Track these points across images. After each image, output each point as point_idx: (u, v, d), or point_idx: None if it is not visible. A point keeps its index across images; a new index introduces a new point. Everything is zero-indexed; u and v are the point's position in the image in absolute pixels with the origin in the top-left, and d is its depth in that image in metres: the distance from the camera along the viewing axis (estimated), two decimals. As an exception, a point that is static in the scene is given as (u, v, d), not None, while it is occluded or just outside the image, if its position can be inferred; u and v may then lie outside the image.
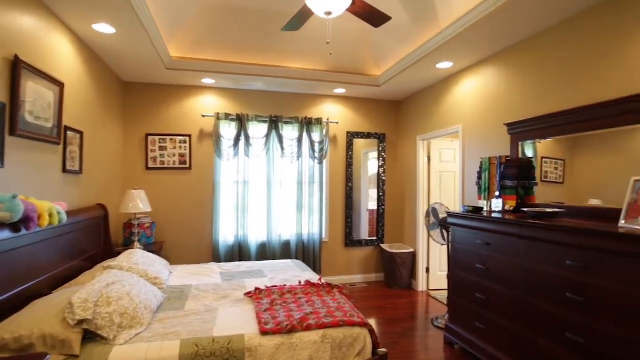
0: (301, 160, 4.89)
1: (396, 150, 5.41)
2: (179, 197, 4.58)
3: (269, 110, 4.89)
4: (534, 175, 2.98)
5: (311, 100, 5.06)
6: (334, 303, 2.34)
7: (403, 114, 5.26)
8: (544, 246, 2.22)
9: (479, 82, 3.66)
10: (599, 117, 2.41)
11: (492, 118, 3.47)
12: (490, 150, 3.49)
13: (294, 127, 4.86)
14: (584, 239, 1.96)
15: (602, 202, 2.39)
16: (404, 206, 5.25)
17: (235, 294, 2.63)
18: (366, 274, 5.24)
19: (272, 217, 4.78)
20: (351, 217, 5.17)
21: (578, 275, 2.00)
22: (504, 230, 2.53)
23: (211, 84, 4.54)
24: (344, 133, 5.17)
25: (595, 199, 2.44)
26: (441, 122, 4.33)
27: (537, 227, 2.25)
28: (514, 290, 2.44)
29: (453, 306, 3.12)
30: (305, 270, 3.39)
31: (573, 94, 2.65)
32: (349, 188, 5.16)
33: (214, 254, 4.60)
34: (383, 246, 5.13)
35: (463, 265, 2.99)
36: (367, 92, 4.94)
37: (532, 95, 3.01)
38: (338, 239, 5.15)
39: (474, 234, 2.86)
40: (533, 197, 2.99)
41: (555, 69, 2.80)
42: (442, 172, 4.80)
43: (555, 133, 2.74)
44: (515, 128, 3.11)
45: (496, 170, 3.11)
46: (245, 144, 4.66)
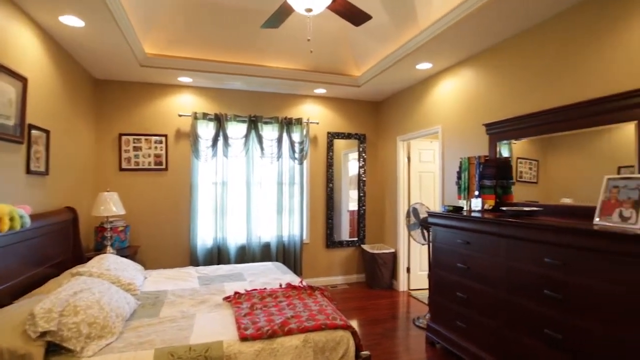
0: (281, 160, 4.82)
1: (376, 151, 5.42)
2: (154, 199, 4.42)
3: (248, 110, 4.79)
4: (511, 175, 3.03)
5: (291, 100, 5.00)
6: (316, 306, 2.29)
7: (383, 115, 5.28)
8: (524, 244, 2.24)
9: (458, 83, 3.71)
10: (572, 118, 2.47)
11: (471, 118, 3.51)
12: (469, 150, 3.53)
13: (273, 128, 4.79)
14: (561, 237, 1.99)
15: (574, 200, 2.48)
16: (384, 206, 5.26)
17: (213, 298, 2.54)
18: (347, 274, 5.22)
19: (251, 218, 4.68)
20: (332, 218, 5.14)
21: (556, 273, 2.03)
22: (484, 229, 2.55)
23: (188, 82, 4.41)
24: (324, 133, 5.14)
25: (566, 198, 2.54)
26: (421, 122, 4.36)
27: (516, 226, 2.27)
28: (495, 288, 2.46)
29: (434, 306, 3.13)
30: (286, 272, 3.32)
31: (549, 95, 2.70)
32: (330, 189, 5.12)
33: (192, 257, 4.46)
34: (364, 247, 5.12)
35: (444, 264, 3.00)
36: (348, 93, 4.92)
37: (510, 96, 3.06)
38: (319, 240, 5.10)
39: (454, 234, 2.88)
40: (511, 196, 3.03)
41: (532, 70, 2.86)
42: (422, 173, 4.84)
43: (532, 133, 2.79)
44: (493, 128, 3.16)
45: (475, 170, 3.14)
46: (223, 145, 4.55)
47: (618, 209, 1.94)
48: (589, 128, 2.37)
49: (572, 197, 2.49)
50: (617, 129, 2.23)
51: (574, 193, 2.47)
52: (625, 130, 2.19)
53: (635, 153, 2.12)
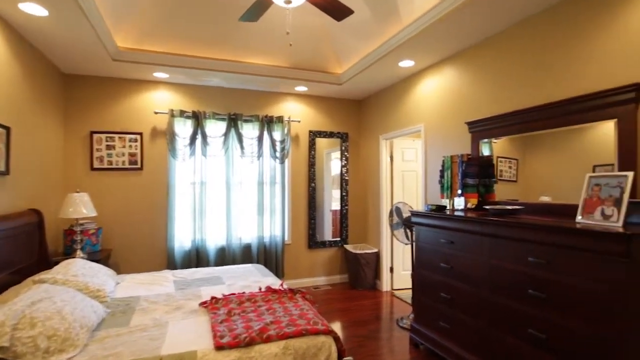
0: (262, 160, 4.70)
1: (359, 150, 5.37)
2: (129, 200, 4.23)
3: (227, 108, 4.65)
4: (493, 173, 3.01)
5: (272, 98, 4.88)
6: (297, 310, 2.20)
7: (365, 113, 5.23)
8: (507, 243, 2.21)
9: (440, 81, 3.68)
10: (553, 117, 2.47)
11: (454, 117, 3.49)
12: (452, 148, 3.51)
13: (254, 126, 4.66)
14: (545, 235, 1.97)
15: (552, 198, 2.49)
16: (367, 206, 5.22)
17: (189, 304, 2.42)
18: (330, 275, 5.15)
19: (231, 219, 4.55)
20: (314, 218, 5.05)
21: (540, 272, 2.00)
22: (467, 229, 2.52)
23: (164, 78, 4.24)
24: (306, 132, 5.05)
25: (545, 196, 2.55)
26: (403, 121, 4.33)
27: (499, 225, 2.24)
28: (479, 288, 2.43)
29: (418, 306, 3.09)
30: (267, 275, 3.22)
31: (531, 93, 2.70)
32: (312, 188, 5.04)
33: (169, 260, 4.29)
34: (347, 247, 5.06)
35: (427, 264, 2.96)
36: (329, 91, 4.85)
37: (493, 94, 3.05)
38: (301, 241, 5.01)
39: (437, 233, 2.84)
40: (493, 195, 3.02)
41: (514, 69, 2.85)
42: (405, 172, 4.82)
43: (513, 131, 2.78)
44: (475, 126, 3.14)
45: (458, 168, 3.12)
46: (202, 143, 4.40)
47: (600, 207, 1.93)
48: (569, 126, 2.37)
49: (550, 195, 2.51)
50: (592, 128, 2.26)
51: (552, 191, 2.49)
52: (600, 129, 2.22)
53: (615, 151, 2.13)
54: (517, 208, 2.46)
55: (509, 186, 2.88)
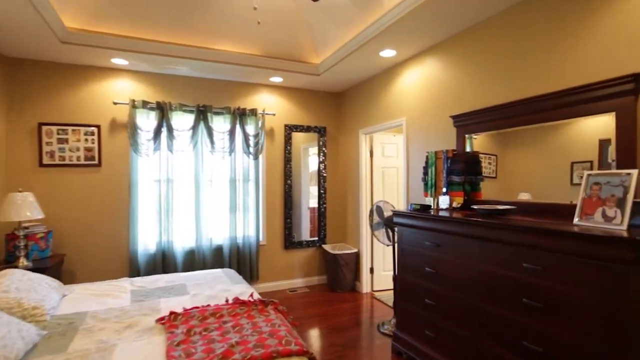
0: (234, 155, 4.38)
1: (337, 145, 5.13)
2: (86, 200, 3.83)
3: (196, 99, 4.30)
4: (480, 170, 2.84)
5: (245, 89, 4.56)
6: (268, 326, 1.94)
7: (344, 107, 4.99)
8: (499, 247, 2.03)
9: (423, 72, 3.48)
10: (545, 109, 2.29)
11: (438, 110, 3.30)
12: (436, 144, 3.32)
13: (225, 119, 4.33)
14: (541, 239, 1.79)
15: (531, 195, 2.38)
16: (346, 204, 4.99)
17: (144, 321, 2.11)
18: (308, 277, 4.91)
19: (201, 219, 4.22)
20: (291, 217, 4.79)
21: (536, 279, 1.82)
22: (455, 230, 2.32)
23: (124, 65, 3.85)
24: (281, 126, 4.76)
25: (524, 193, 2.44)
26: (384, 114, 4.11)
27: (491, 227, 2.05)
28: (467, 295, 2.24)
29: (400, 312, 2.89)
30: (237, 282, 2.93)
31: (521, 85, 2.52)
32: (288, 186, 4.77)
33: (132, 265, 3.93)
34: (325, 247, 4.82)
35: (411, 268, 2.76)
36: (306, 82, 4.57)
37: (479, 86, 2.87)
38: (277, 241, 4.74)
39: (422, 235, 2.64)
40: (479, 194, 2.85)
41: (502, 59, 2.66)
42: (385, 168, 4.62)
43: (502, 125, 2.60)
44: (460, 120, 2.95)
45: (443, 165, 2.92)
46: (168, 137, 4.04)
47: (601, 208, 1.77)
48: (562, 120, 2.20)
49: (529, 192, 2.40)
50: (571, 123, 2.16)
51: (531, 188, 2.37)
52: (579, 125, 2.11)
53: (613, 147, 1.97)
54: (508, 208, 2.28)
55: (489, 183, 2.75)
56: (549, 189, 2.18)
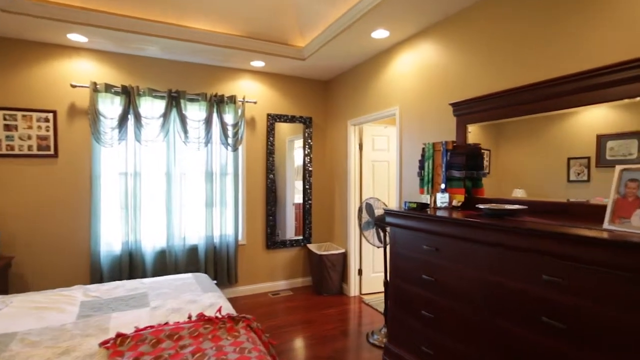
0: (210, 147, 3.99)
1: (324, 137, 4.77)
2: (39, 195, 3.39)
3: (167, 84, 3.88)
4: (482, 164, 2.53)
5: (223, 75, 4.16)
6: (235, 352, 1.59)
7: (332, 96, 4.63)
8: (512, 255, 1.72)
9: (419, 56, 3.15)
10: (556, 95, 1.99)
11: (435, 98, 2.98)
12: (433, 135, 3.00)
13: (200, 106, 3.93)
14: (565, 247, 1.48)
15: (526, 191, 2.20)
16: (333, 201, 4.66)
17: (86, 344, 1.73)
18: (292, 278, 4.56)
19: (173, 217, 3.82)
20: (273, 214, 4.42)
21: (559, 294, 1.52)
22: (457, 234, 2.00)
23: (83, 42, 3.40)
24: (263, 115, 4.37)
25: (518, 189, 2.24)
26: (375, 103, 3.77)
27: (504, 231, 1.74)
28: (473, 309, 1.93)
29: (393, 323, 2.57)
30: (209, 289, 2.57)
31: (535, 67, 2.20)
32: (270, 180, 4.40)
33: (94, 268, 3.51)
34: (310, 247, 4.48)
35: (405, 274, 2.44)
36: (291, 68, 4.19)
37: (483, 71, 2.55)
38: (258, 241, 4.37)
39: (419, 237, 2.31)
40: (481, 190, 2.54)
41: (512, 38, 2.34)
42: (375, 162, 4.29)
43: (510, 113, 2.28)
44: (461, 108, 2.63)
45: (442, 158, 2.60)
46: (135, 126, 3.61)
47: (639, 210, 1.46)
48: (587, 105, 1.89)
49: (524, 188, 2.20)
50: (568, 116, 1.95)
51: (526, 184, 2.19)
52: (578, 118, 1.89)
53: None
54: (520, 208, 1.97)
55: (483, 179, 2.51)
56: (545, 186, 2.00)
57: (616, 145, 1.70)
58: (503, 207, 2.00)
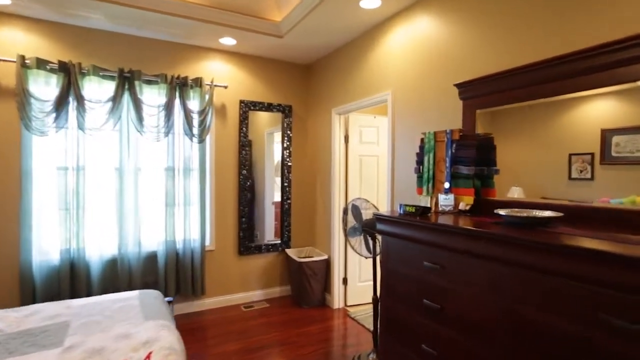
0: (172, 137, 3.41)
1: (305, 128, 4.24)
2: (-48, 194, 2.77)
3: (118, 61, 3.28)
4: (494, 159, 2.06)
5: (187, 53, 3.57)
6: None
7: (315, 81, 4.10)
8: (552, 281, 1.23)
9: (416, 30, 2.65)
10: (601, 67, 1.52)
11: (436, 78, 2.48)
12: (432, 123, 2.51)
13: (160, 90, 3.34)
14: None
15: (523, 189, 1.90)
16: (315, 200, 4.14)
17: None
18: (268, 288, 4.04)
19: (126, 219, 3.24)
20: (246, 215, 3.88)
21: (621, 342, 1.04)
22: (472, 250, 1.51)
23: (5, 5, 2.78)
24: (235, 102, 3.81)
25: (515, 187, 1.95)
26: (364, 89, 3.26)
27: (545, 251, 1.25)
28: (491, 349, 1.44)
29: (385, 352, 2.08)
30: (153, 315, 2.02)
31: (565, 35, 1.72)
32: (243, 177, 3.85)
33: (24, 283, 2.91)
34: (289, 252, 3.96)
35: (401, 296, 1.94)
36: (268, 48, 3.64)
37: (497, 42, 2.06)
38: (229, 246, 3.82)
39: (418, 250, 1.82)
40: (493, 191, 2.07)
41: (529, 6, 1.86)
42: (363, 157, 3.79)
43: (538, 93, 1.80)
44: (470, 90, 2.14)
45: (446, 150, 2.11)
46: (77, 111, 3.01)
47: None
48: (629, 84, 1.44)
49: (521, 186, 1.91)
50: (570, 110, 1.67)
51: (524, 182, 1.90)
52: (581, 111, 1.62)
53: None
54: (553, 216, 1.48)
55: None
56: (544, 184, 1.80)
57: (623, 141, 1.51)
58: (533, 215, 1.51)
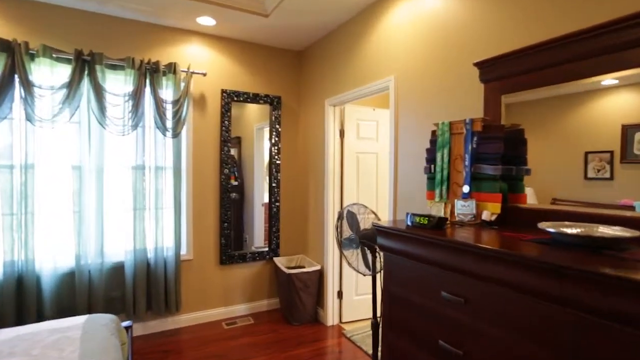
0: (142, 131, 2.96)
1: (297, 122, 3.80)
2: None
3: (76, 42, 2.83)
4: (525, 156, 1.63)
5: (159, 35, 3.12)
6: None
7: (307, 70, 3.65)
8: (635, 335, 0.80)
9: (425, 2, 2.21)
10: None
11: (448, 59, 2.04)
12: (445, 113, 2.07)
13: (126, 76, 2.88)
14: None
15: (534, 191, 1.62)
16: (307, 203, 3.70)
17: None
18: (254, 301, 3.59)
19: (86, 225, 2.80)
20: (234, 219, 3.43)
21: None
22: (513, 281, 1.08)
23: None
24: (216, 92, 3.36)
25: (527, 187, 1.64)
26: (362, 75, 2.82)
27: (630, 292, 0.81)
28: None
29: (386, 402, 1.64)
30: (94, 353, 1.57)
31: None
32: (225, 176, 3.40)
33: (-39, 299, 2.46)
34: (278, 261, 3.52)
35: (408, 330, 1.51)
36: (253, 29, 3.19)
37: (529, 10, 1.62)
38: (208, 254, 3.38)
39: (433, 275, 1.38)
40: (522, 196, 1.65)
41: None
42: (361, 154, 3.35)
43: (585, 70, 1.37)
44: (495, 69, 1.71)
45: (465, 145, 1.67)
46: (25, 99, 2.56)
47: None
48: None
49: (531, 186, 1.63)
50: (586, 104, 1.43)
51: (535, 182, 1.62)
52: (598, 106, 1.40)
53: None
54: (630, 236, 1.05)
55: None
56: (557, 184, 1.60)
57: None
58: (599, 233, 1.08)
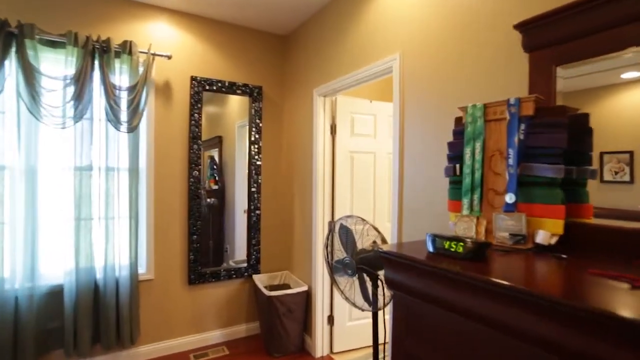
0: (89, 124, 2.42)
1: (281, 116, 3.28)
2: None
3: (0, 10, 2.27)
4: (589, 152, 1.15)
5: (113, 8, 2.58)
6: None
7: (293, 56, 3.14)
8: None
9: (439, -47, 1.72)
10: None
11: (474, 24, 1.55)
12: (470, 96, 1.57)
13: (67, 55, 2.33)
14: None
15: None
16: (292, 211, 3.17)
17: None
18: (230, 326, 3.05)
19: (12, 239, 2.23)
20: (198, 232, 2.89)
21: None
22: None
23: None
24: (185, 79, 2.83)
25: None
26: (359, 56, 2.32)
27: None
28: None
29: None
30: None
31: None
32: (194, 180, 2.86)
33: None
34: (257, 280, 2.98)
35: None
36: (230, 6, 2.67)
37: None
38: (174, 273, 2.83)
39: (483, 337, 0.87)
40: (587, 207, 1.16)
41: None
42: (356, 153, 2.84)
43: None
44: (546, 30, 1.21)
45: (508, 136, 1.17)
46: None
47: None
48: None
49: None
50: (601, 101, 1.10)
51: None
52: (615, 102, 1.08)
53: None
54: None
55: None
56: None
57: (674, 137, 1.02)
58: None
